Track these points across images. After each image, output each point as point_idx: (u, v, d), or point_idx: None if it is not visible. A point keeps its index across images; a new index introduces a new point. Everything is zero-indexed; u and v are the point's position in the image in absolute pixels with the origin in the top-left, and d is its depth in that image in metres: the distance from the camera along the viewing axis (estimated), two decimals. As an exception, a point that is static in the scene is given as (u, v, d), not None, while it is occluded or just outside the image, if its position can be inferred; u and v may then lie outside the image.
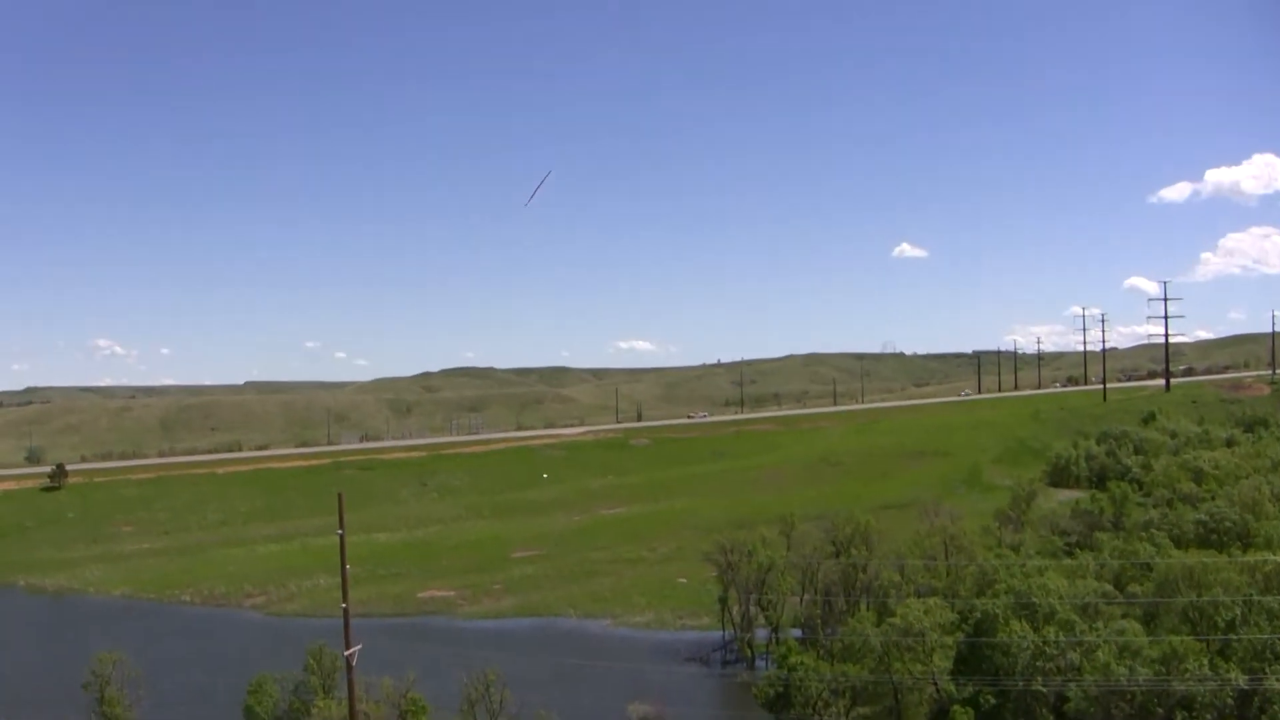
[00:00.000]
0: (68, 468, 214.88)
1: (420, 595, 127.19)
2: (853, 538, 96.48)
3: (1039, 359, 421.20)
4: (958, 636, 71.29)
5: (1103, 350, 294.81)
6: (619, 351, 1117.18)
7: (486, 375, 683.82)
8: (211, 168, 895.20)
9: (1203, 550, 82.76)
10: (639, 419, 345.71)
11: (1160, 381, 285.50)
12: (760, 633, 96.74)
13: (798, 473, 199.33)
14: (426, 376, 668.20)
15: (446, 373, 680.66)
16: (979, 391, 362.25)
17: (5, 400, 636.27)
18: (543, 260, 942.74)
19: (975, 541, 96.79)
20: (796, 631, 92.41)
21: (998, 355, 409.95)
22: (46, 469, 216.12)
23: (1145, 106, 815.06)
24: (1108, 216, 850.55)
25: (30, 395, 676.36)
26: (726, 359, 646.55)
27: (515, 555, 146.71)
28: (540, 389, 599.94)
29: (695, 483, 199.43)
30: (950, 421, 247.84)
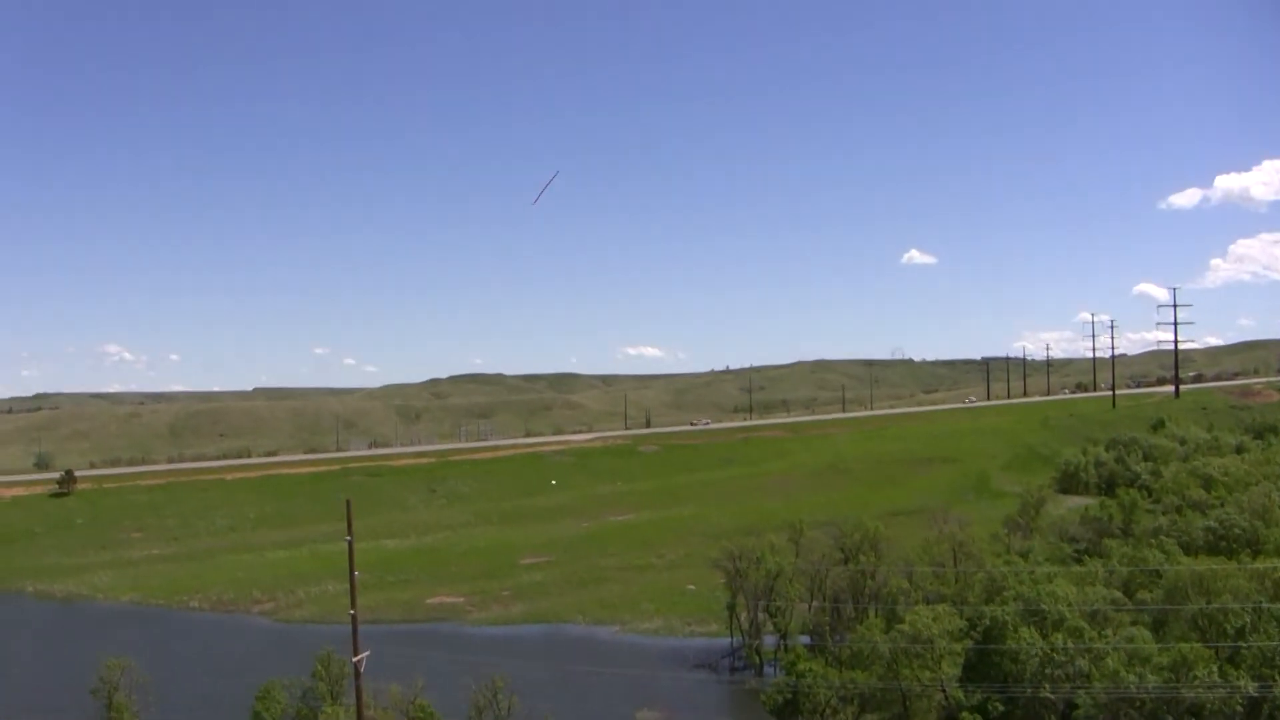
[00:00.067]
0: (77, 474, 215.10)
1: (428, 602, 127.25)
2: (861, 544, 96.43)
3: (1048, 365, 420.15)
4: (966, 643, 71.23)
5: (1112, 357, 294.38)
6: (628, 358, 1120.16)
7: (495, 382, 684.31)
8: (221, 174, 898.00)
9: (1212, 557, 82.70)
10: (648, 425, 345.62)
11: (1170, 388, 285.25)
12: (768, 639, 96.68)
13: (806, 479, 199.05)
14: (435, 383, 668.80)
15: (455, 379, 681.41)
16: (988, 398, 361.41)
17: (15, 406, 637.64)
18: (551, 267, 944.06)
19: (984, 548, 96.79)
20: (805, 638, 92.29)
21: (1007, 362, 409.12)
22: (55, 475, 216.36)
23: (1155, 113, 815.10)
24: (1117, 223, 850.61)
25: (40, 401, 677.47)
26: (735, 365, 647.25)
27: (524, 562, 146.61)
28: (549, 395, 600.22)
29: (704, 489, 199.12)
30: (959, 428, 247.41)
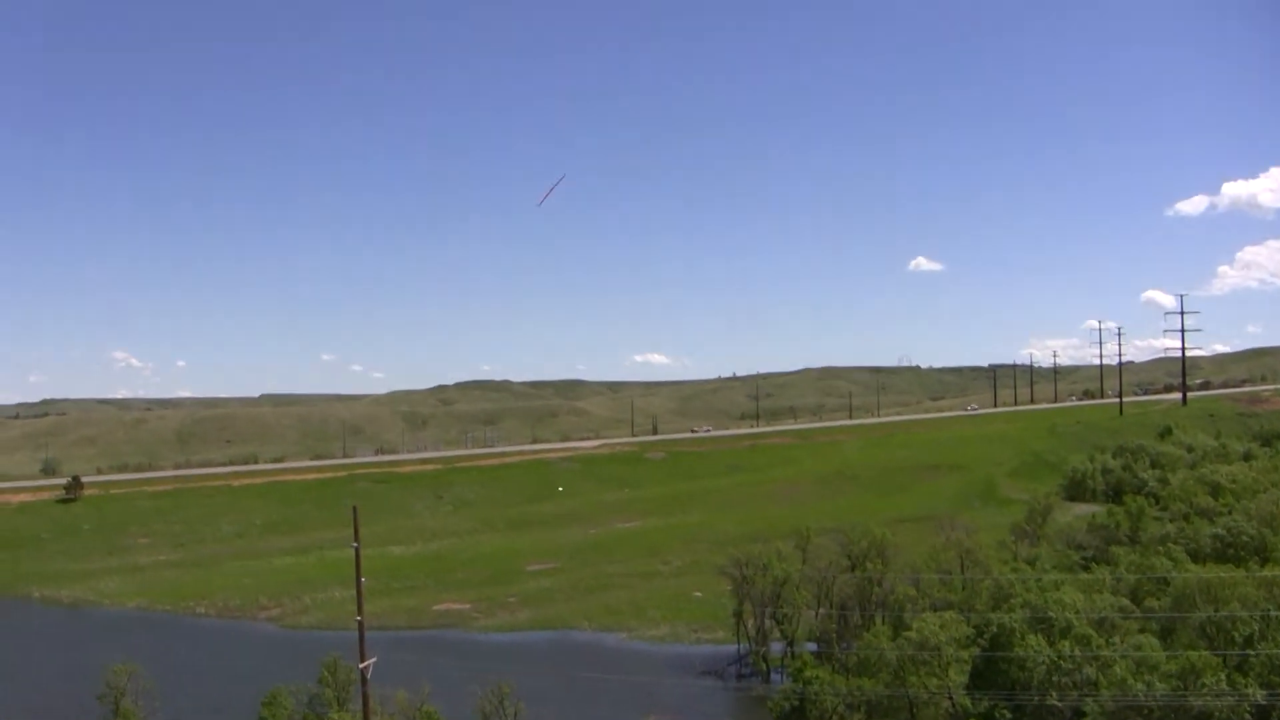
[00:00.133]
0: (83, 479, 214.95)
1: (435, 608, 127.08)
2: (868, 551, 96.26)
3: (1055, 372, 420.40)
4: (973, 651, 70.97)
5: (1119, 364, 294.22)
6: (635, 365, 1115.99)
7: (502, 388, 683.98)
8: (229, 180, 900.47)
9: (1220, 565, 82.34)
10: (654, 432, 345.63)
11: (1177, 395, 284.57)
12: (775, 646, 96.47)
13: (813, 486, 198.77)
14: (442, 389, 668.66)
15: (462, 386, 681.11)
16: (994, 405, 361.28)
17: (22, 412, 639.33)
18: (558, 274, 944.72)
19: (991, 555, 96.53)
20: (811, 645, 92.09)
21: (1014, 369, 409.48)
22: (62, 480, 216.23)
23: (1162, 120, 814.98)
24: (1124, 230, 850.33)
25: (47, 407, 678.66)
26: (742, 372, 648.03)
27: (530, 568, 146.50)
28: (555, 402, 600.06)
29: (710, 496, 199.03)
30: (966, 435, 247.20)
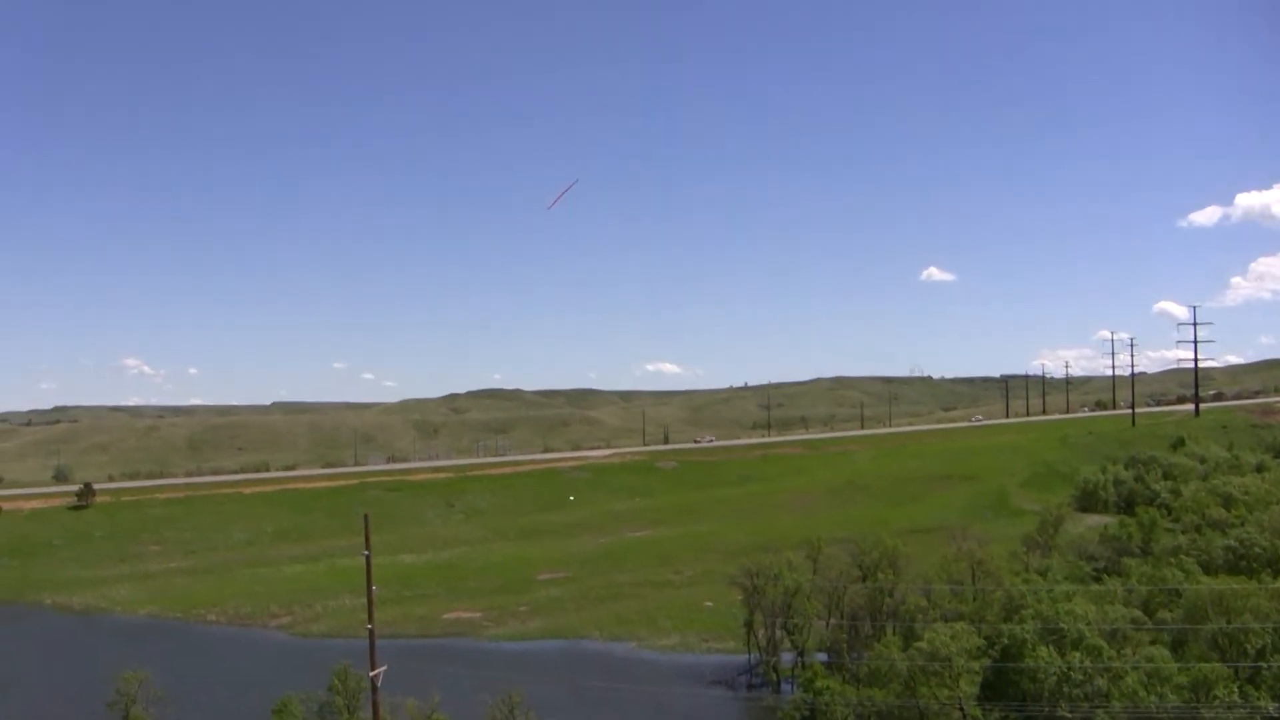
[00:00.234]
0: (95, 487, 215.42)
1: (445, 617, 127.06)
2: (879, 562, 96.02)
3: (1067, 383, 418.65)
4: (984, 662, 70.87)
5: (1131, 375, 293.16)
6: (646, 374, 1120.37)
7: (513, 397, 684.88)
8: (240, 189, 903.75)
9: (1232, 576, 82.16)
10: (666, 442, 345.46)
11: (1189, 406, 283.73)
12: (786, 656, 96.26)
13: (824, 496, 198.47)
14: (453, 398, 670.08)
15: (473, 394, 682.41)
16: (1007, 416, 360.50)
17: (34, 419, 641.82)
18: (570, 283, 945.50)
19: (1002, 566, 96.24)
20: (822, 655, 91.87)
21: (1026, 379, 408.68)
22: (74, 488, 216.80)
23: (1175, 131, 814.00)
24: (1137, 240, 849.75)
25: (59, 414, 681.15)
26: (753, 382, 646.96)
27: (541, 577, 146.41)
28: (567, 411, 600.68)
29: (722, 506, 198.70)
30: (978, 446, 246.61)
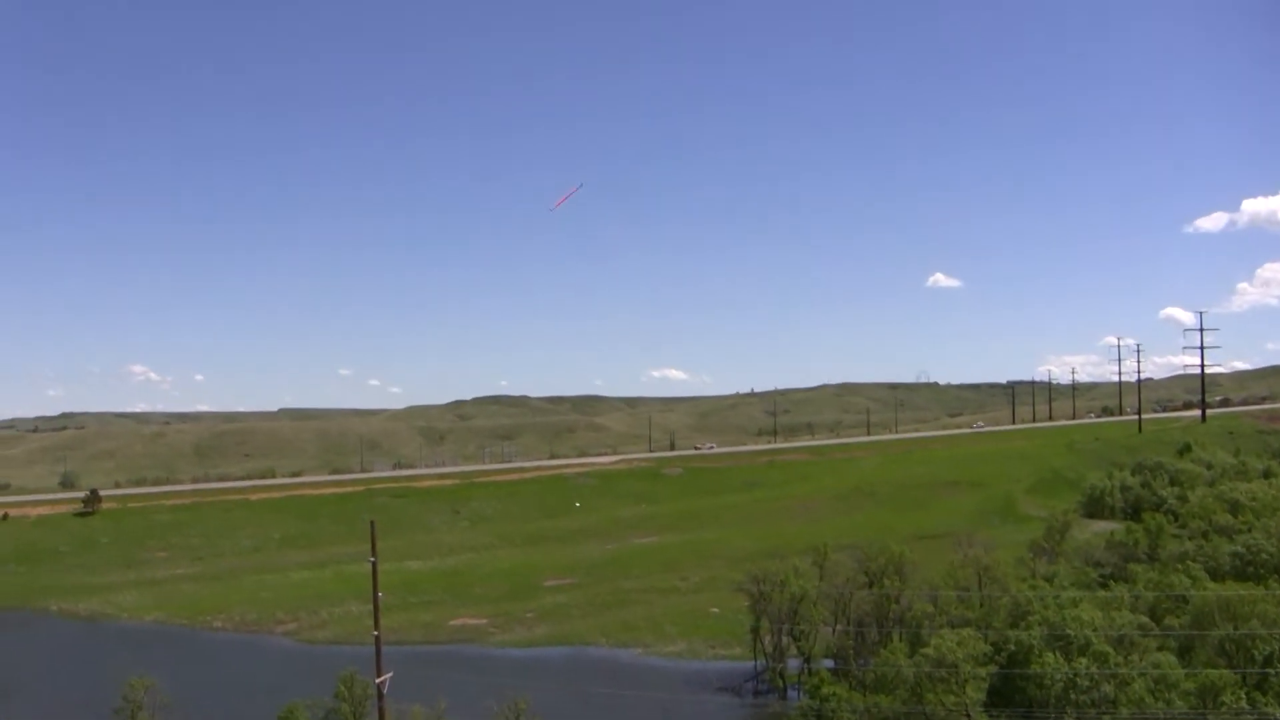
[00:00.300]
0: (102, 493, 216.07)
1: (451, 623, 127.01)
2: (886, 568, 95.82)
3: (1073, 389, 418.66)
4: (991, 668, 70.66)
5: (1138, 381, 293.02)
6: (652, 380, 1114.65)
7: (519, 403, 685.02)
8: (246, 195, 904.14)
9: (1239, 583, 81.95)
10: (672, 448, 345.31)
11: (1196, 412, 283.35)
12: (792, 663, 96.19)
13: (831, 503, 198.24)
14: (459, 404, 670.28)
15: (479, 401, 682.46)
16: (1013, 422, 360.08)
17: (41, 425, 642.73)
18: (576, 289, 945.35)
19: (1009, 573, 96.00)
20: (829, 662, 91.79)
21: (1032, 385, 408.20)
22: (81, 494, 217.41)
23: (1181, 137, 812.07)
24: (1143, 246, 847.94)
25: (65, 420, 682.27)
26: (760, 388, 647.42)
27: (547, 584, 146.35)
28: (573, 417, 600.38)
29: (728, 512, 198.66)
30: (984, 452, 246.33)
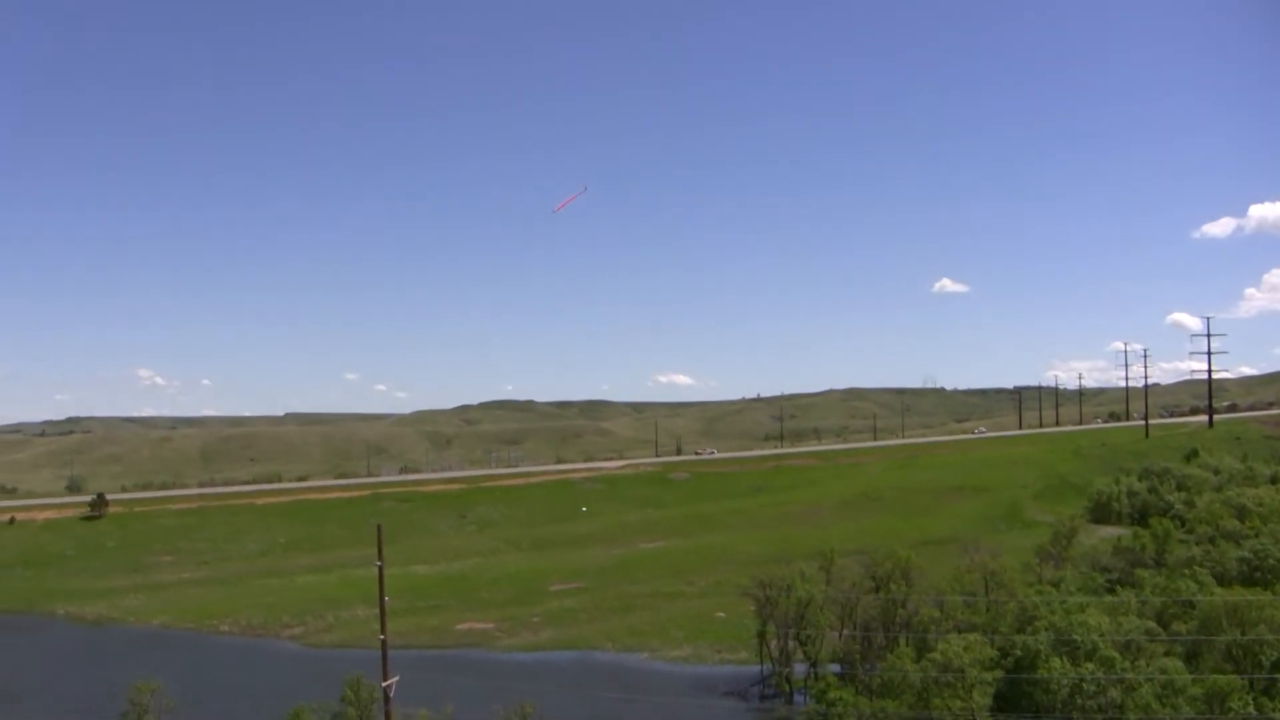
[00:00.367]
0: (108, 497, 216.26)
1: (458, 627, 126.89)
2: (892, 573, 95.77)
3: (1080, 395, 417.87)
4: (997, 673, 70.61)
5: (1145, 386, 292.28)
6: (659, 385, 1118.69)
7: (526, 408, 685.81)
8: (254, 201, 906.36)
9: (1246, 588, 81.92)
10: (678, 453, 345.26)
11: (1203, 418, 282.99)
12: (798, 668, 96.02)
13: (837, 508, 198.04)
14: (466, 409, 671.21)
15: (486, 405, 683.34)
16: (1020, 427, 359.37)
17: (47, 429, 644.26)
18: (583, 294, 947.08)
19: (1016, 578, 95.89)
20: (835, 666, 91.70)
21: (1039, 390, 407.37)
22: (87, 498, 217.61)
23: (1189, 142, 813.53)
24: (1150, 252, 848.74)
25: (72, 425, 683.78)
26: (766, 393, 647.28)
27: (553, 588, 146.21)
28: (579, 422, 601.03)
29: (734, 517, 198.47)
30: (991, 457, 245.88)
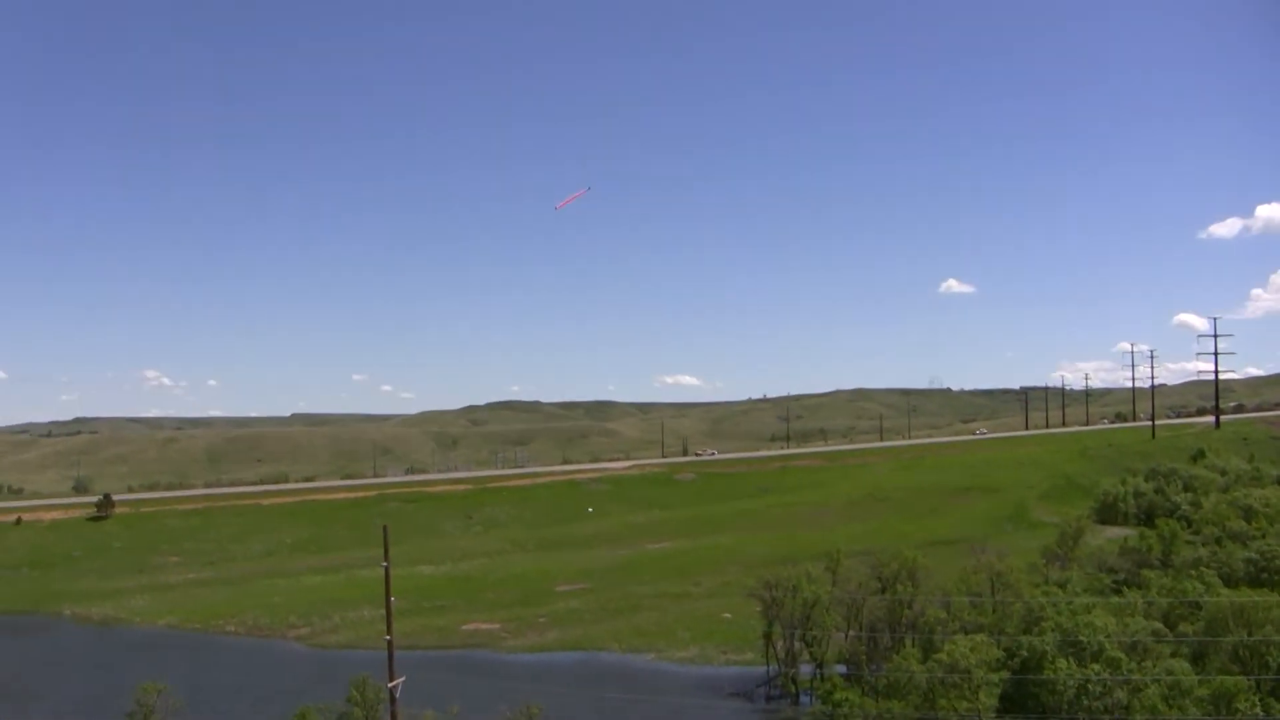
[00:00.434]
0: (115, 498, 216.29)
1: (464, 628, 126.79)
2: (898, 574, 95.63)
3: (1087, 395, 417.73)
4: (1003, 674, 70.54)
5: (1151, 387, 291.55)
6: (665, 386, 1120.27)
7: (532, 409, 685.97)
8: (259, 201, 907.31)
9: (1253, 589, 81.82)
10: (685, 454, 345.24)
11: (1210, 419, 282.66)
12: (804, 668, 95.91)
13: (843, 509, 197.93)
14: (472, 410, 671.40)
15: (492, 406, 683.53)
16: (1026, 428, 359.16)
17: (54, 430, 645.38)
18: (589, 295, 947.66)
19: (1022, 579, 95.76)
20: (841, 667, 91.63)
21: (1045, 391, 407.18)
22: (94, 499, 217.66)
23: (1195, 142, 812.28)
24: (1157, 252, 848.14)
25: (79, 425, 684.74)
26: (772, 394, 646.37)
27: (559, 589, 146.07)
28: (586, 423, 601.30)
29: (741, 518, 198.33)
30: (997, 458, 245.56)
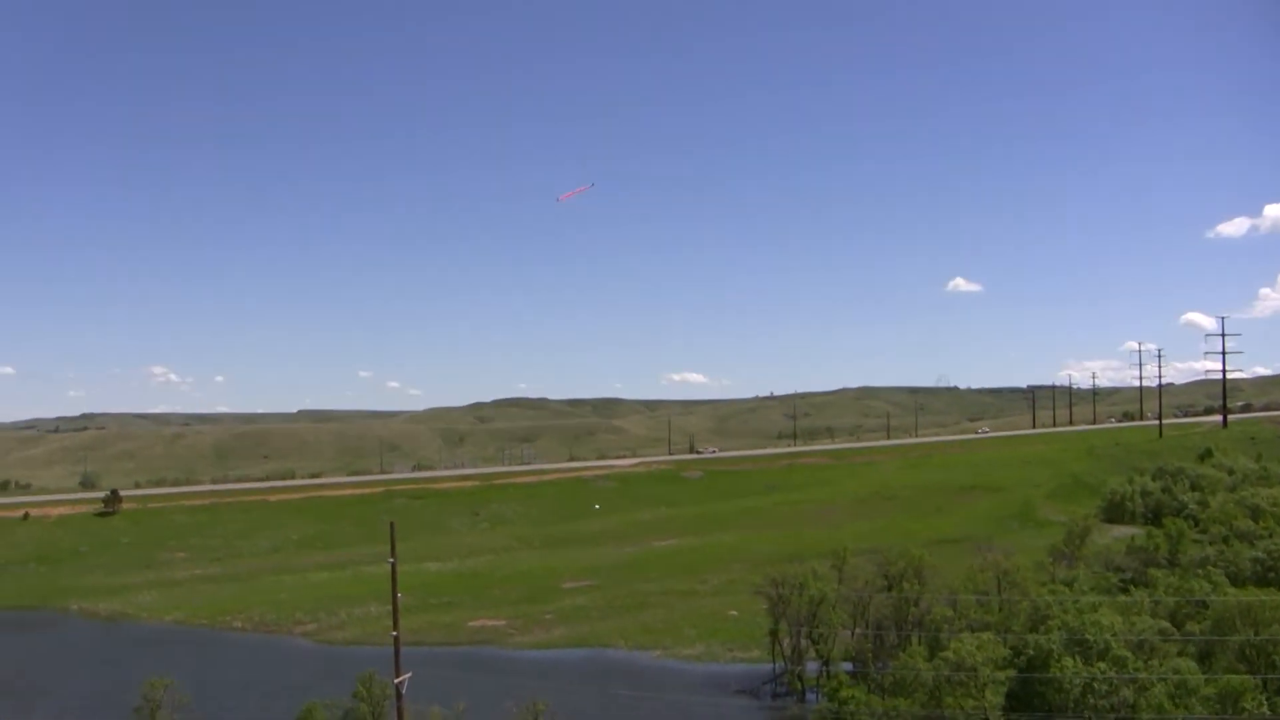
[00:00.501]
0: (122, 493, 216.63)
1: (470, 625, 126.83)
2: (905, 572, 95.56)
3: (1094, 394, 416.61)
4: (1010, 672, 70.48)
5: (1159, 386, 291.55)
6: (672, 383, 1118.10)
7: (539, 406, 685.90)
8: (267, 198, 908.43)
9: (1260, 588, 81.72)
10: (691, 451, 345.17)
11: (1217, 418, 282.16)
12: (811, 666, 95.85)
13: (850, 507, 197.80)
14: (479, 407, 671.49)
15: (499, 403, 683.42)
16: (1033, 426, 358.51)
17: (62, 426, 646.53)
18: (596, 292, 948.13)
19: (1028, 577, 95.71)
20: (847, 665, 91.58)
21: (1053, 390, 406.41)
22: (101, 494, 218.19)
23: (1203, 141, 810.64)
24: (1165, 251, 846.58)
25: (86, 421, 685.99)
26: (779, 392, 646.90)
27: (566, 586, 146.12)
28: (593, 420, 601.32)
29: (747, 516, 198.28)
30: (1004, 457, 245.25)
